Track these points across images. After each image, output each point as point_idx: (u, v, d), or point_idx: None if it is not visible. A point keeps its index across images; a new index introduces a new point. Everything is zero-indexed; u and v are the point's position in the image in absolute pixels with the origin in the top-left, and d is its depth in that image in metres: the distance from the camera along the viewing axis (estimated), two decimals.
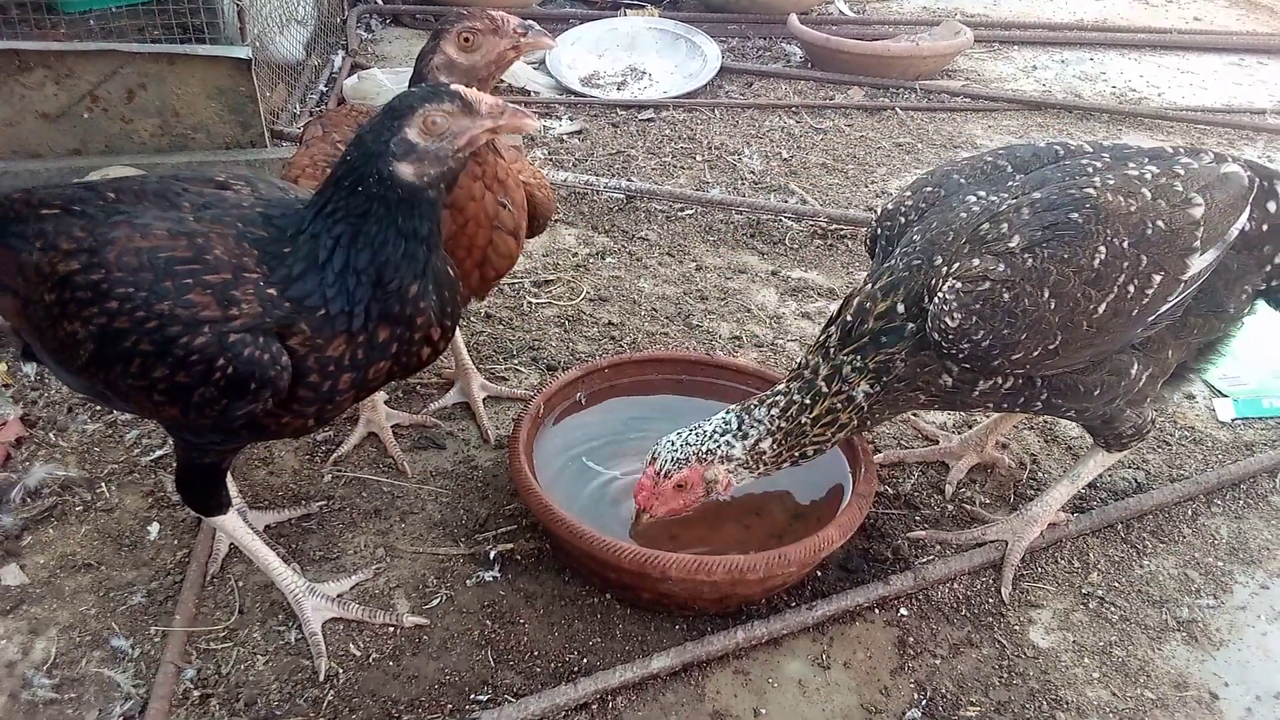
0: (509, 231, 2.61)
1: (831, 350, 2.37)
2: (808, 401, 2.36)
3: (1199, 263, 2.34)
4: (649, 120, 5.28)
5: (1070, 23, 7.13)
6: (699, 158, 4.89)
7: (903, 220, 2.48)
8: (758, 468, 2.42)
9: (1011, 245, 2.22)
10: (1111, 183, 2.30)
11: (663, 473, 2.38)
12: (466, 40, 2.43)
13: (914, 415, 3.22)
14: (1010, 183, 2.40)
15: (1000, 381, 2.32)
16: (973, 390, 2.35)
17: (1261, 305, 2.61)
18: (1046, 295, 2.20)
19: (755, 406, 2.41)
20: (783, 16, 6.17)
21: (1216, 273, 2.41)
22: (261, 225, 2.03)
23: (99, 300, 1.93)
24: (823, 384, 2.36)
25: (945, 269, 2.27)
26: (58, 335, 2.00)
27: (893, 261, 2.38)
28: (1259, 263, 2.49)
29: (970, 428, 3.12)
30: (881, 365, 2.31)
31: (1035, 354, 2.23)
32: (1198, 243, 2.33)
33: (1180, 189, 2.34)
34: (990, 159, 2.51)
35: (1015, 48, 6.65)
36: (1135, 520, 2.86)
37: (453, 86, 1.98)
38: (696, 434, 2.40)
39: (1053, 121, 5.50)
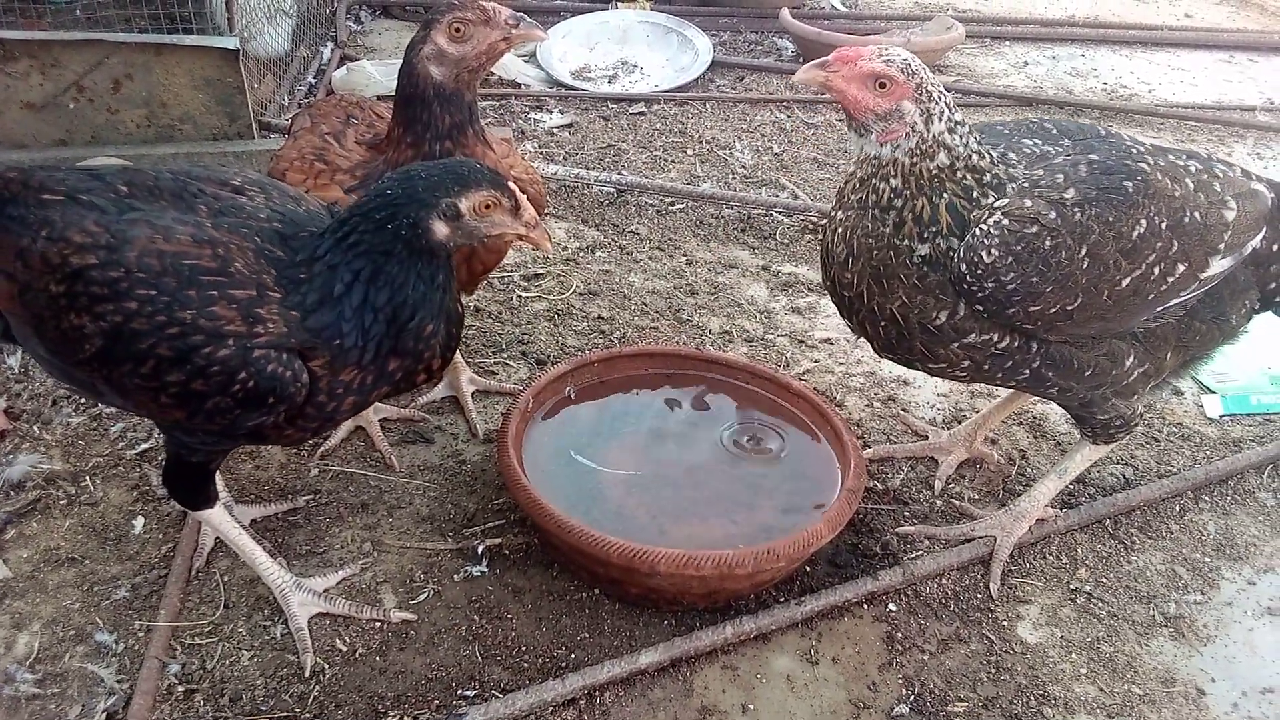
0: None
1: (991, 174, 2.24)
2: (976, 191, 2.21)
3: (1218, 265, 2.37)
4: (640, 114, 5.26)
5: (1062, 19, 7.14)
6: (690, 152, 4.87)
7: None
8: (910, 156, 2.19)
9: (1066, 196, 2.21)
10: (1161, 164, 2.33)
11: (886, 59, 2.16)
12: (457, 31, 2.42)
13: (903, 411, 3.22)
14: (1061, 141, 2.39)
15: (995, 338, 2.29)
16: (958, 339, 2.29)
17: (1265, 318, 2.65)
18: (1083, 253, 2.19)
19: (975, 136, 2.24)
20: (774, 11, 6.16)
21: (1225, 282, 2.44)
22: (278, 244, 2.03)
23: (116, 299, 1.91)
24: (980, 187, 2.22)
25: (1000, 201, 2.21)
26: (60, 326, 1.97)
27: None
28: (1262, 281, 2.53)
29: (960, 423, 3.12)
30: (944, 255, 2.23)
31: (1052, 311, 2.22)
32: (1223, 245, 2.36)
33: (1219, 189, 2.38)
34: (1035, 120, 2.51)
35: (1007, 43, 6.65)
36: (1123, 516, 2.86)
37: (512, 185, 2.05)
38: (937, 77, 2.22)
39: (1044, 117, 5.49)
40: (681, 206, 4.36)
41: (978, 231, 2.18)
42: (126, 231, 1.94)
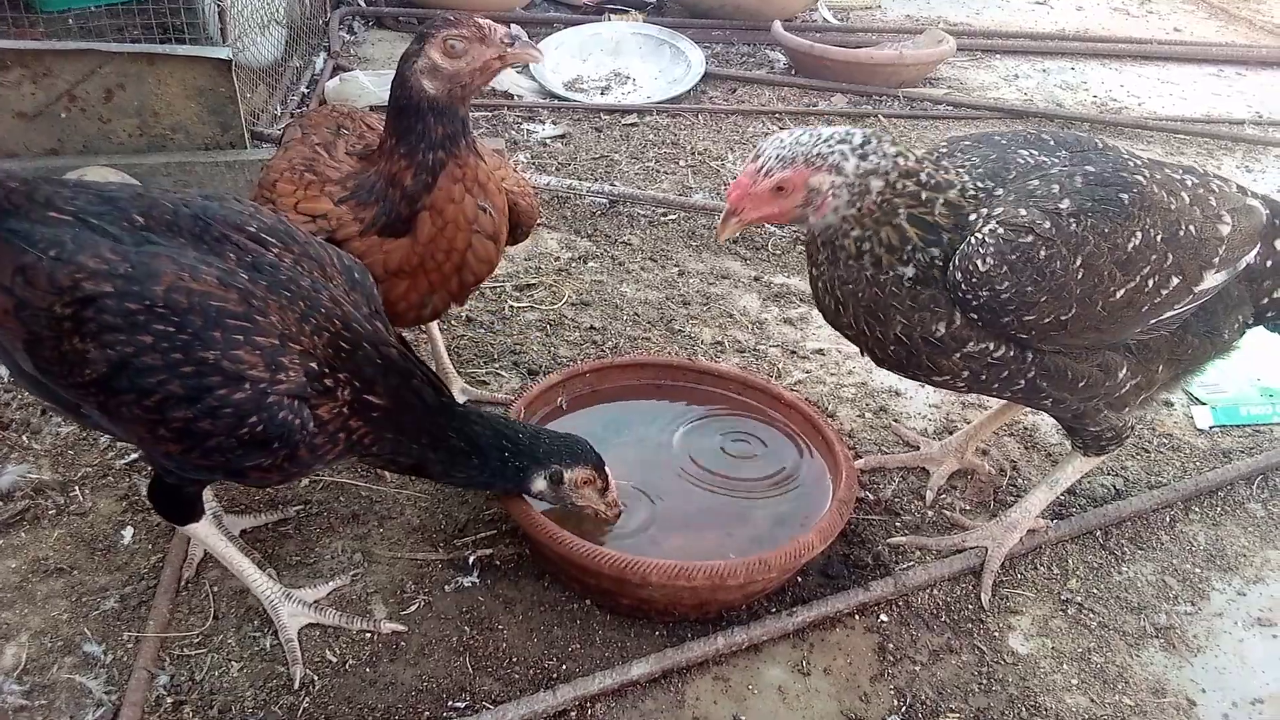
0: (488, 236, 2.59)
1: (974, 182, 2.24)
2: (924, 193, 2.18)
3: (1212, 279, 2.38)
4: (632, 125, 5.28)
5: (1052, 32, 7.18)
6: (682, 163, 4.89)
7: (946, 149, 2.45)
8: (851, 206, 2.17)
9: (1061, 206, 2.21)
10: (1158, 178, 2.34)
11: (764, 170, 2.16)
12: (452, 47, 2.42)
13: (894, 421, 3.23)
14: (1058, 152, 2.39)
15: (991, 347, 2.29)
16: (956, 350, 2.29)
17: (1256, 331, 2.66)
18: (1078, 264, 2.20)
19: (887, 142, 2.19)
20: (767, 23, 6.19)
21: (1219, 296, 2.45)
22: (347, 332, 2.12)
23: (130, 330, 1.89)
24: (956, 196, 2.20)
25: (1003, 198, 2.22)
26: (60, 349, 1.94)
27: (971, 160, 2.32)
28: (1255, 296, 2.55)
29: (951, 434, 3.13)
30: (929, 263, 2.23)
31: (1046, 321, 2.23)
32: (1217, 259, 2.37)
33: (1215, 204, 2.39)
34: (1033, 131, 2.52)
35: (998, 56, 6.69)
36: (1114, 527, 2.87)
37: (608, 469, 2.41)
38: (810, 135, 2.17)
39: (1041, 128, 5.52)
40: (674, 217, 4.37)
41: (973, 240, 2.19)
42: (150, 265, 1.93)
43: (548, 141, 5.02)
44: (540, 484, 2.37)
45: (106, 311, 1.89)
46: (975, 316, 2.23)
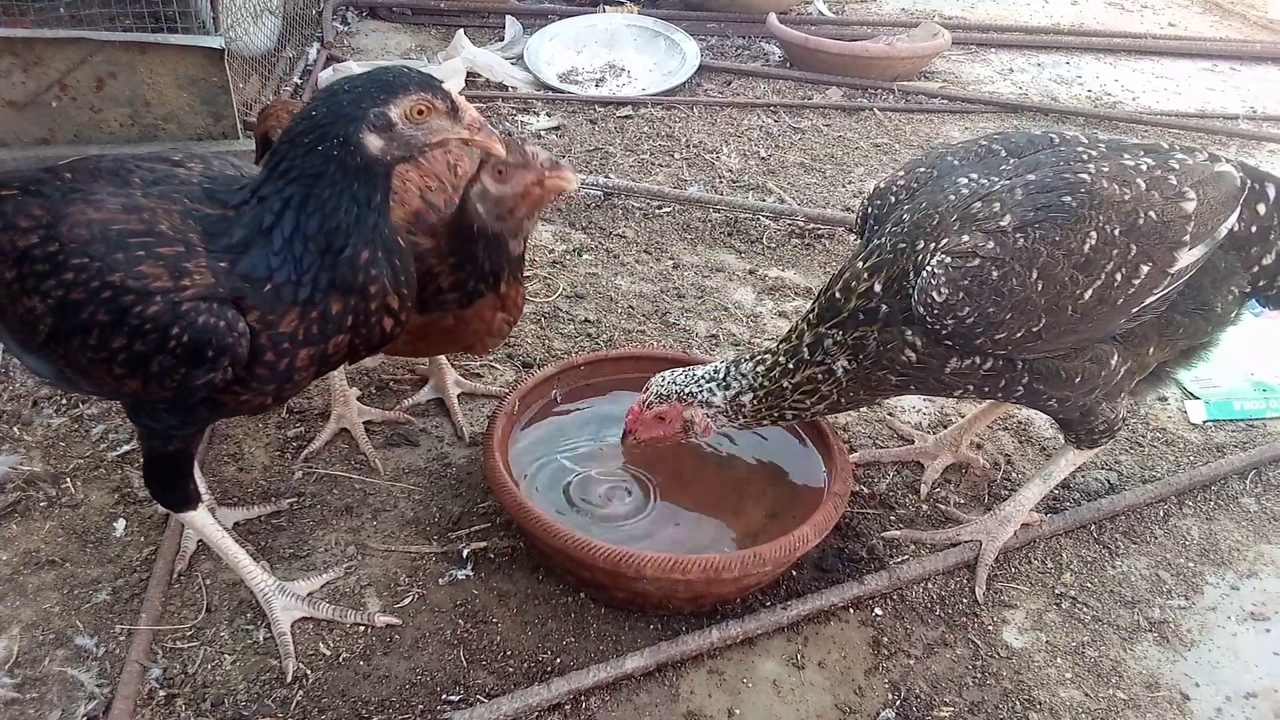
0: (496, 334, 2.60)
1: (813, 320, 2.42)
2: (790, 366, 2.42)
3: (1187, 257, 2.35)
4: (627, 117, 5.26)
5: (1047, 26, 7.17)
6: (677, 155, 4.87)
7: (893, 199, 2.48)
8: (737, 419, 2.50)
9: (1003, 224, 2.21)
10: (1106, 170, 2.31)
11: (646, 402, 2.51)
12: (500, 172, 2.35)
13: (889, 415, 3.23)
14: (1004, 166, 2.39)
15: (979, 361, 2.30)
16: (943, 368, 2.32)
17: (1255, 306, 2.62)
18: (1035, 276, 2.19)
19: (744, 361, 2.48)
20: (762, 16, 6.17)
21: (1204, 271, 2.41)
22: (204, 201, 2.01)
23: (55, 273, 1.93)
24: (806, 351, 2.40)
25: (932, 246, 2.25)
26: (18, 312, 2.00)
27: (882, 240, 2.36)
28: (1246, 264, 2.49)
29: (946, 427, 3.13)
30: (858, 342, 2.34)
31: (1018, 335, 2.22)
32: (1187, 237, 2.33)
33: (1174, 182, 2.35)
34: (985, 143, 2.51)
35: (992, 50, 6.68)
36: (1108, 521, 2.87)
37: (447, 86, 1.96)
38: (686, 375, 2.51)
39: (1029, 124, 5.53)
40: (668, 210, 4.36)
41: (924, 274, 2.21)
42: (62, 209, 1.97)
43: (542, 133, 5.01)
44: (375, 142, 1.90)
45: (36, 261, 1.94)
46: (950, 343, 2.25)
